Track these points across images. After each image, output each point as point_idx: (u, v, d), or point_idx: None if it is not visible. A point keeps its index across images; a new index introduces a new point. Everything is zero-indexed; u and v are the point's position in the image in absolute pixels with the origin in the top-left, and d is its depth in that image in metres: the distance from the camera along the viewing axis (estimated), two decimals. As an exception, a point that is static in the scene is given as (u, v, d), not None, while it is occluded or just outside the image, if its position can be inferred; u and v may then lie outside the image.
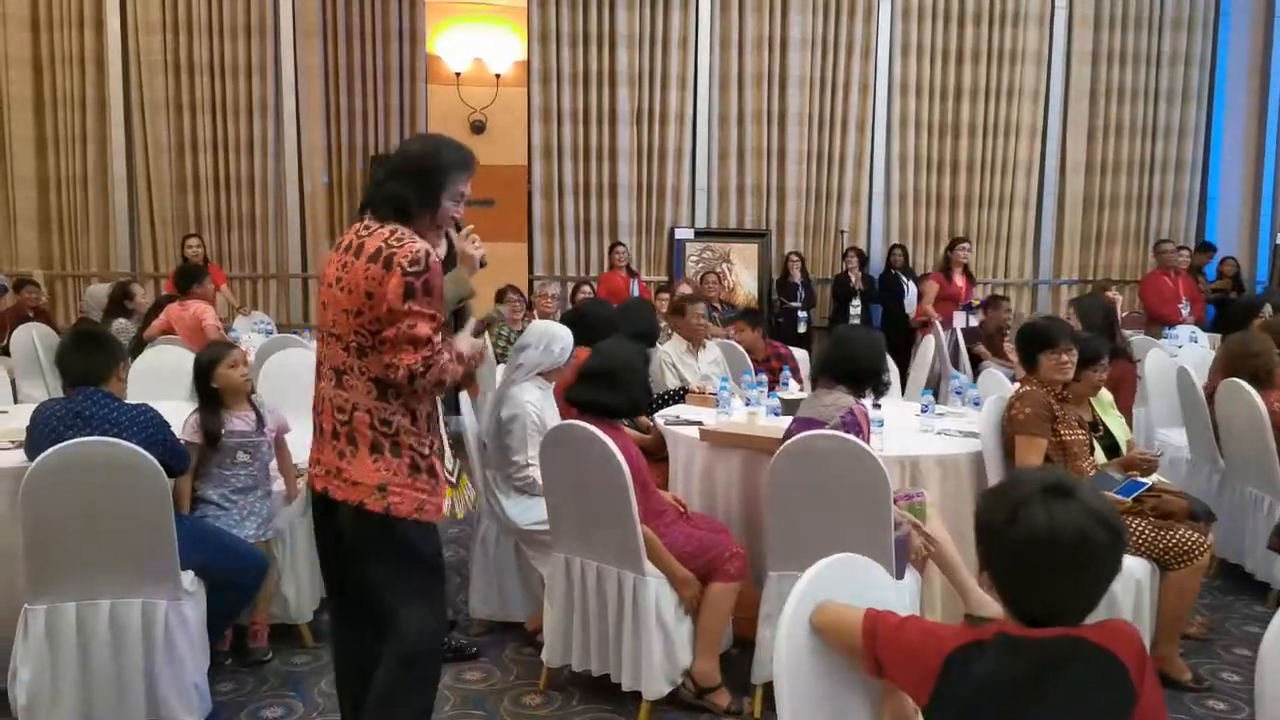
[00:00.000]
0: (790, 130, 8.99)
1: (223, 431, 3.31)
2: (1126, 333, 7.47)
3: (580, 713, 3.06)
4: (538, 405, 3.44)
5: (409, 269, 2.12)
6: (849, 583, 1.65)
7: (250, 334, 6.91)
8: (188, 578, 2.85)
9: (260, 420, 3.41)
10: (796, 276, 8.41)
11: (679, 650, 2.95)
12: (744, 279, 8.94)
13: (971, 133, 9.27)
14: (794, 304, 8.23)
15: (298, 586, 3.47)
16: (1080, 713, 1.35)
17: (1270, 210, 9.61)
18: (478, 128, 7.61)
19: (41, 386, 5.80)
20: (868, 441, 2.83)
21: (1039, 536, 1.36)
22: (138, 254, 8.55)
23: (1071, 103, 9.36)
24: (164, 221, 8.46)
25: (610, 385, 3.09)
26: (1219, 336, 5.89)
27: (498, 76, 7.67)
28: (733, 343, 5.40)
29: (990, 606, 2.78)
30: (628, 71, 8.73)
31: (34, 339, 6.16)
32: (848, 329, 3.74)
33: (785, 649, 1.54)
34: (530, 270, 8.58)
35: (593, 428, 2.90)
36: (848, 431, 2.79)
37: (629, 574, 2.91)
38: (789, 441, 2.80)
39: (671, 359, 5.04)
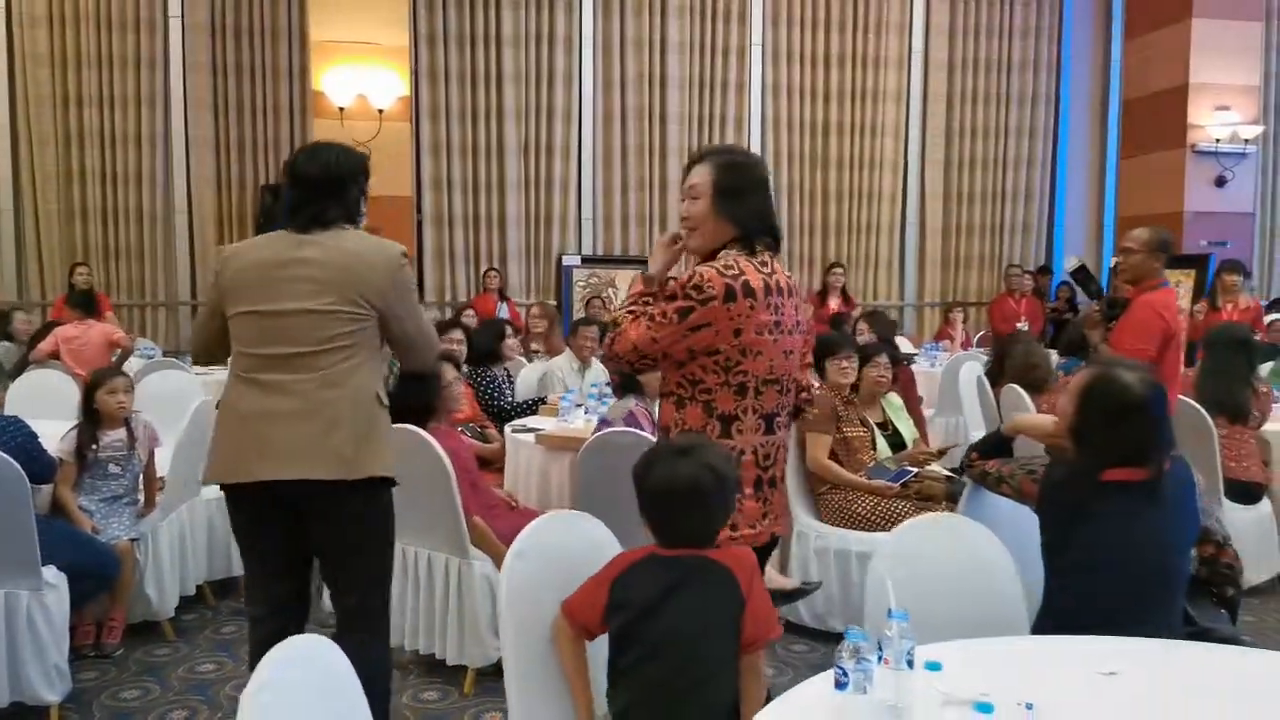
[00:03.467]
0: (670, 162, 9.52)
1: (95, 447, 3.64)
2: (978, 350, 8.22)
3: (416, 685, 3.42)
4: None
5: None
6: (568, 536, 2.08)
7: (133, 358, 7.10)
8: (49, 572, 3.12)
9: (133, 438, 3.75)
10: None
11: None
12: (628, 303, 9.38)
13: (839, 165, 9.96)
14: None
15: (159, 586, 3.75)
16: (704, 609, 1.82)
17: (1110, 237, 10.53)
18: (363, 160, 7.91)
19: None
20: (652, 433, 3.29)
21: (661, 484, 1.84)
22: (24, 282, 8.62)
23: (929, 138, 10.14)
24: (51, 251, 8.57)
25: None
26: (1053, 352, 6.53)
27: (380, 111, 8.05)
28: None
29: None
30: (514, 107, 9.18)
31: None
32: None
33: (506, 587, 1.96)
34: (421, 297, 8.90)
35: (422, 432, 3.30)
36: (628, 424, 3.28)
37: (455, 559, 3.30)
38: (590, 439, 3.25)
39: (562, 373, 5.49)
